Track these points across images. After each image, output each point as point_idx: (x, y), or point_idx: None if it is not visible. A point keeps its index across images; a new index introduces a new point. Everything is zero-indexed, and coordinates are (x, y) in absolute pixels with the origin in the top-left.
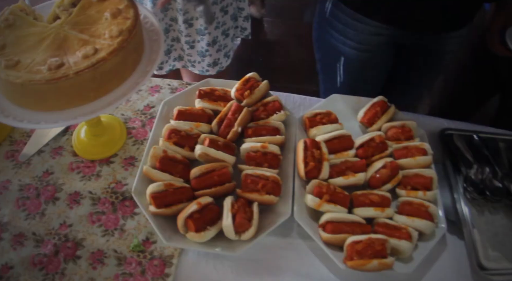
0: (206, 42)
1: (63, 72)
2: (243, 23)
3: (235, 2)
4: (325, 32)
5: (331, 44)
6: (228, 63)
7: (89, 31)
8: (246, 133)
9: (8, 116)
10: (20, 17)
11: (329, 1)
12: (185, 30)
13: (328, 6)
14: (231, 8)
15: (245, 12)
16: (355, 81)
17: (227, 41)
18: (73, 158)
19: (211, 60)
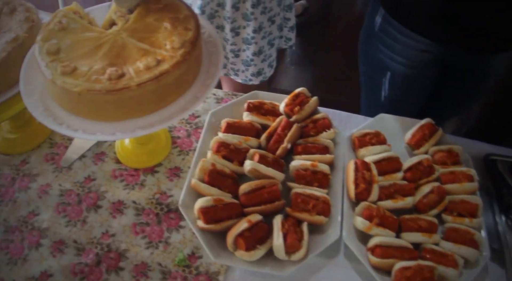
0: (252, 51)
1: (125, 83)
2: (288, 33)
3: (282, 12)
4: (373, 46)
5: (379, 59)
6: (271, 73)
7: (148, 40)
8: (295, 150)
9: (62, 124)
10: (74, 20)
11: (379, 16)
12: (231, 39)
13: (378, 20)
14: (278, 18)
15: (291, 22)
16: (399, 97)
17: (272, 51)
18: (116, 165)
19: (255, 69)
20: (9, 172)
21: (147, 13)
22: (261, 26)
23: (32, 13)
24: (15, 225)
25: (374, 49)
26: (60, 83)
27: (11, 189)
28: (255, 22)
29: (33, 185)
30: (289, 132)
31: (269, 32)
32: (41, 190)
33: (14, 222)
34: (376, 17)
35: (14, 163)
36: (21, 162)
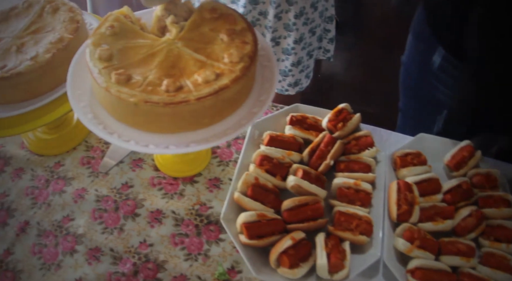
0: (291, 62)
1: (184, 96)
2: (328, 44)
3: (323, 24)
4: (430, 85)
5: (434, 97)
6: (307, 84)
7: (205, 51)
8: (337, 167)
9: (113, 133)
10: (125, 25)
11: (438, 56)
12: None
13: (436, 60)
14: (318, 29)
15: (331, 34)
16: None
17: (310, 62)
18: (154, 172)
19: (293, 80)
20: (43, 174)
21: (201, 22)
22: (302, 37)
23: (76, 14)
24: (49, 229)
25: (431, 88)
26: (115, 92)
27: (45, 192)
28: (296, 33)
29: (68, 188)
30: (332, 148)
31: (309, 43)
32: (76, 195)
33: (48, 226)
34: (434, 57)
35: (49, 164)
36: (56, 164)
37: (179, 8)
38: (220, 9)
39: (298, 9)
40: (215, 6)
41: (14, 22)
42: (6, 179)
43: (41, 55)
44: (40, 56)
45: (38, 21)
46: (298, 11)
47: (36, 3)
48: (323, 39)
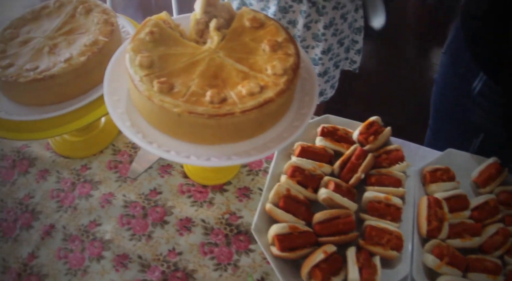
0: (317, 72)
1: (229, 108)
2: (354, 56)
3: (352, 35)
4: (468, 111)
5: (470, 119)
6: (332, 94)
7: (247, 62)
8: (368, 180)
9: (152, 143)
10: (165, 32)
11: (479, 81)
12: None
13: (477, 85)
14: (347, 40)
15: (359, 45)
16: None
17: (336, 72)
18: (183, 179)
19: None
20: (69, 177)
21: (242, 31)
22: (330, 47)
23: (110, 16)
24: (75, 233)
25: (467, 111)
26: (157, 102)
27: (71, 195)
28: (325, 43)
29: (95, 193)
30: (364, 162)
31: (336, 54)
32: (103, 199)
33: (74, 231)
34: (475, 83)
35: (75, 167)
36: (82, 167)
37: (219, 10)
38: (261, 18)
39: (328, 20)
40: (256, 16)
41: (45, 21)
42: (30, 180)
43: (75, 58)
44: (74, 59)
45: (71, 21)
46: (327, 22)
47: (68, 3)
48: (350, 50)
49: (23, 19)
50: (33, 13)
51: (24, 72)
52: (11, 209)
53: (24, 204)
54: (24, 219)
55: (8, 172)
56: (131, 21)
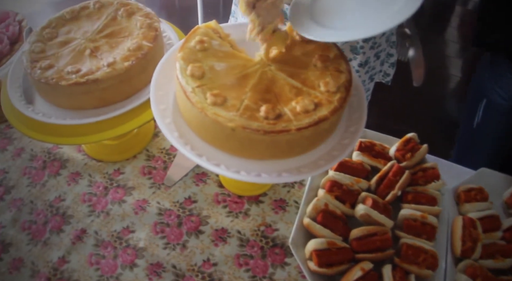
0: None
1: (284, 125)
2: (388, 68)
3: (388, 48)
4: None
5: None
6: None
7: (299, 77)
8: (404, 197)
9: (201, 155)
10: (215, 41)
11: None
12: None
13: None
14: (383, 54)
15: (393, 58)
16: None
17: (371, 85)
18: (219, 189)
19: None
20: (101, 181)
21: (292, 45)
22: (368, 60)
23: (154, 21)
24: (108, 240)
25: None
26: (211, 115)
27: (104, 200)
28: (363, 56)
29: (128, 198)
30: (401, 179)
31: (372, 66)
32: (137, 206)
33: (107, 237)
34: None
35: (107, 171)
36: (115, 171)
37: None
38: None
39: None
40: None
41: (85, 22)
42: (61, 182)
43: (119, 63)
44: (118, 64)
45: (112, 24)
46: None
47: (108, 5)
48: (385, 63)
49: (61, 18)
50: (72, 13)
51: (65, 75)
52: (41, 212)
53: (54, 206)
54: (54, 222)
55: (39, 173)
56: (172, 26)
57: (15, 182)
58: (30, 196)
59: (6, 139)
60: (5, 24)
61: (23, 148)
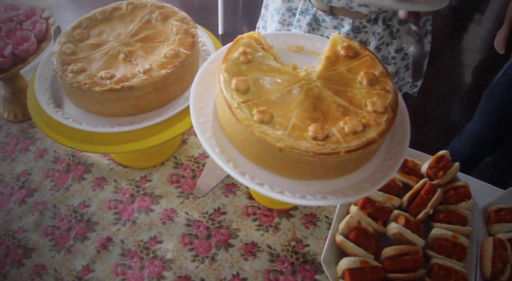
0: None
1: (333, 147)
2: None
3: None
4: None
5: None
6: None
7: (345, 95)
8: (436, 216)
9: (244, 174)
10: (257, 52)
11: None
12: None
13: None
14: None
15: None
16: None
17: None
18: (248, 201)
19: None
20: (127, 187)
21: (336, 60)
22: (398, 71)
23: (191, 26)
24: (134, 249)
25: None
26: (258, 133)
27: (130, 208)
28: (394, 67)
29: (156, 207)
30: (433, 197)
31: (402, 77)
32: (165, 215)
33: (133, 246)
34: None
35: (134, 178)
36: (142, 178)
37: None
38: (355, 47)
39: (400, 44)
40: (351, 44)
41: (118, 24)
42: (86, 187)
43: (155, 70)
44: (154, 71)
45: (147, 27)
46: (399, 45)
47: (142, 7)
48: None
49: (93, 19)
50: (104, 14)
51: (99, 80)
52: (65, 217)
53: (79, 212)
54: (78, 229)
55: (62, 176)
56: (206, 31)
57: (37, 184)
58: (53, 200)
59: (28, 139)
60: (31, 21)
61: (46, 149)
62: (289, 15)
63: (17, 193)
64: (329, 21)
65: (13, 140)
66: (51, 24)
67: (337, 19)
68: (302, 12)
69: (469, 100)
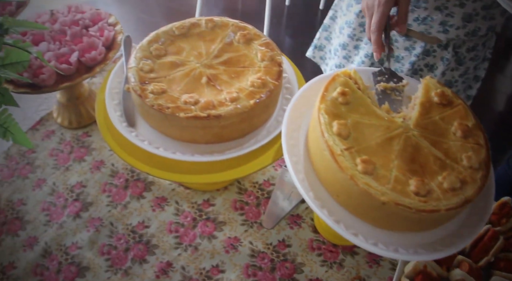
0: None
1: (435, 205)
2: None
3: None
4: None
5: None
6: None
7: (441, 146)
8: (497, 264)
9: (339, 222)
10: (356, 94)
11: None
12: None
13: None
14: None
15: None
16: None
17: None
18: (313, 234)
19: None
20: (189, 210)
21: (430, 107)
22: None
23: (276, 53)
24: (196, 277)
25: None
26: (362, 185)
27: (192, 232)
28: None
29: (219, 234)
30: (496, 244)
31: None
32: (228, 244)
33: (195, 274)
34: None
35: (196, 201)
36: (204, 202)
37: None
38: (449, 95)
39: (464, 69)
40: (444, 91)
41: (197, 42)
42: (145, 206)
43: (243, 99)
44: (242, 100)
45: (229, 49)
46: (463, 71)
47: (223, 25)
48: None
49: (170, 34)
50: (182, 29)
51: (182, 105)
52: (122, 236)
53: (137, 233)
54: (137, 251)
55: (120, 192)
56: (286, 58)
57: (93, 198)
58: (110, 217)
59: (83, 148)
60: (98, 27)
61: (103, 161)
62: (360, 30)
63: (71, 205)
64: (401, 42)
65: (67, 147)
66: (118, 31)
67: (410, 41)
68: None
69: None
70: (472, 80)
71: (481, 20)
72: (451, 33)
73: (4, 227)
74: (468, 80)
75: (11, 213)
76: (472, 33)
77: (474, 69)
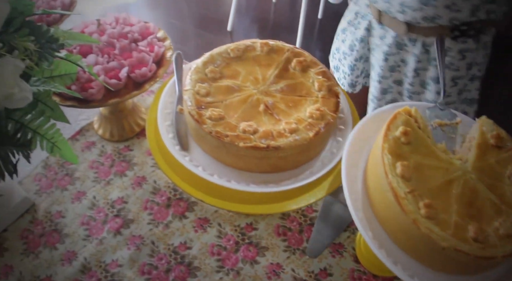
0: None
1: (492, 251)
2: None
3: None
4: None
5: None
6: None
7: (496, 191)
8: None
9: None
10: (417, 134)
11: None
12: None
13: None
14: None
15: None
16: None
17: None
18: (354, 264)
19: None
20: (232, 234)
21: (486, 148)
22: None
23: (333, 83)
24: None
25: None
26: (424, 229)
27: (234, 256)
28: None
29: (261, 260)
30: None
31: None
32: (270, 270)
33: None
34: None
35: (239, 224)
36: (247, 225)
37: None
38: (504, 137)
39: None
40: (499, 133)
41: (253, 67)
42: (188, 227)
43: (302, 131)
44: (301, 132)
45: (285, 76)
46: (436, 76)
47: (279, 50)
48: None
49: (225, 56)
50: (237, 52)
51: (241, 133)
52: (164, 256)
53: (179, 254)
54: (178, 272)
55: (162, 211)
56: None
57: (134, 215)
58: (152, 235)
59: (125, 162)
60: (147, 41)
61: (144, 177)
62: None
63: (111, 221)
64: (378, 29)
65: (108, 160)
66: (167, 47)
67: (383, 30)
68: (362, 16)
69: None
70: (464, 100)
71: (441, 7)
72: (408, 14)
73: (42, 239)
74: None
75: (49, 225)
76: (430, 19)
77: (461, 88)
